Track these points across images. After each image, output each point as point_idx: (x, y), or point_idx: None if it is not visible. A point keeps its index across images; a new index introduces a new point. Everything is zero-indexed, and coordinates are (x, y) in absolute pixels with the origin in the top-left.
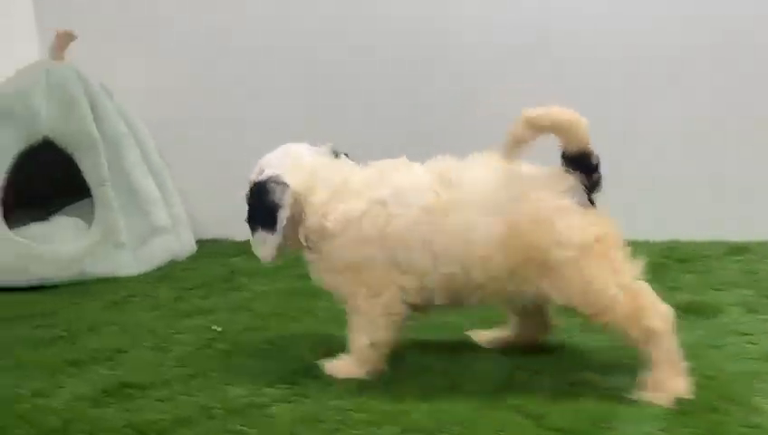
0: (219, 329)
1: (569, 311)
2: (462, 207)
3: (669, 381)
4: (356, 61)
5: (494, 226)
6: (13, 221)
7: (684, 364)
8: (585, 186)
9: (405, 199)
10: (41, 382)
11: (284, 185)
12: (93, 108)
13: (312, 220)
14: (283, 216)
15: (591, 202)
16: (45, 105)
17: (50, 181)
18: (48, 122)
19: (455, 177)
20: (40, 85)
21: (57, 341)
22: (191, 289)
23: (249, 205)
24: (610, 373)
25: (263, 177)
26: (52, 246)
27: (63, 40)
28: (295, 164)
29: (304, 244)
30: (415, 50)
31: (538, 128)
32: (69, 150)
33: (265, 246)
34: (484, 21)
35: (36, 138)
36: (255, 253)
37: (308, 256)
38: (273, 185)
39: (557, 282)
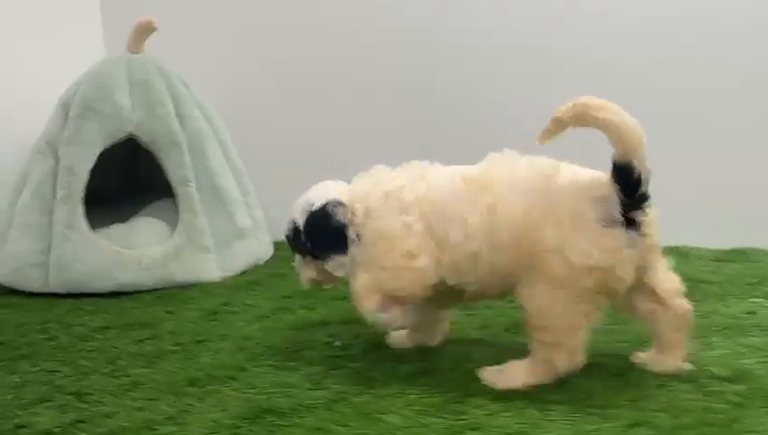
0: (339, 344)
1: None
2: (493, 188)
3: None
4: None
5: (515, 210)
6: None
7: None
8: (623, 201)
9: (445, 173)
10: (167, 406)
11: (342, 205)
12: (176, 103)
13: (359, 214)
14: (352, 234)
15: (630, 222)
16: (129, 100)
17: (121, 180)
18: (132, 119)
19: (491, 166)
20: (122, 79)
21: (168, 356)
22: (289, 297)
23: (312, 236)
24: None
25: (316, 206)
26: (138, 251)
27: (143, 31)
28: (340, 190)
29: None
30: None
31: (585, 120)
32: (152, 149)
33: (341, 268)
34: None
35: (120, 135)
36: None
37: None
38: (332, 208)
39: (531, 285)
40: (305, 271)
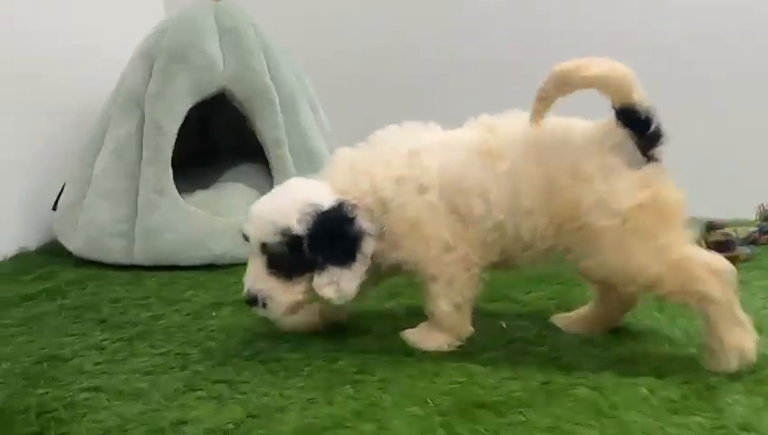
0: (505, 325)
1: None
2: (508, 153)
3: (735, 339)
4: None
5: (535, 177)
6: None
7: (748, 321)
8: (637, 142)
9: (453, 144)
10: (347, 397)
11: (355, 205)
12: (266, 56)
13: (376, 210)
14: (370, 239)
15: (650, 158)
16: (220, 51)
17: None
18: (225, 72)
19: (499, 124)
20: (211, 27)
21: (313, 337)
22: None
23: (323, 246)
24: None
25: (327, 207)
26: (230, 219)
27: None
28: (320, 189)
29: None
30: None
31: (573, 84)
32: (245, 107)
33: (339, 284)
34: None
35: (210, 90)
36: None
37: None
38: (349, 209)
39: (594, 253)
40: (285, 295)
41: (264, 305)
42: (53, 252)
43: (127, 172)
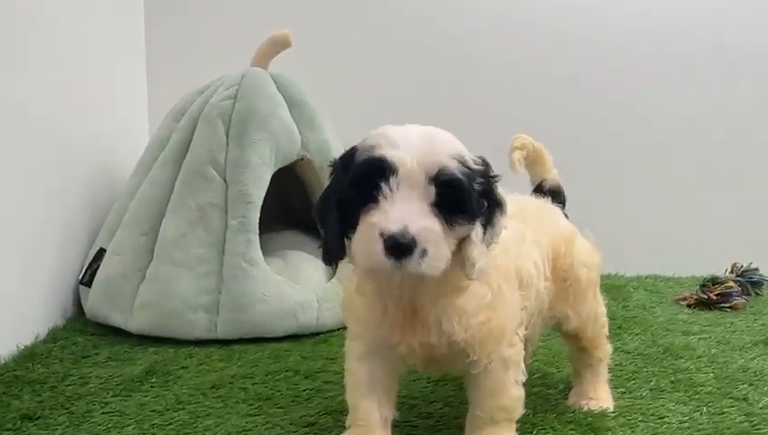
0: None
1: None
2: (524, 235)
3: (602, 393)
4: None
5: (545, 249)
6: None
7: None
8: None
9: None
10: None
11: None
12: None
13: None
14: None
15: None
16: (293, 121)
17: None
18: (303, 140)
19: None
20: (280, 97)
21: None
22: None
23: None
24: None
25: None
26: (309, 287)
27: (277, 45)
28: None
29: None
30: None
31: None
32: (318, 175)
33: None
34: None
35: (291, 158)
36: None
37: None
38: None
39: (576, 304)
40: (447, 247)
41: (424, 254)
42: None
43: (210, 241)
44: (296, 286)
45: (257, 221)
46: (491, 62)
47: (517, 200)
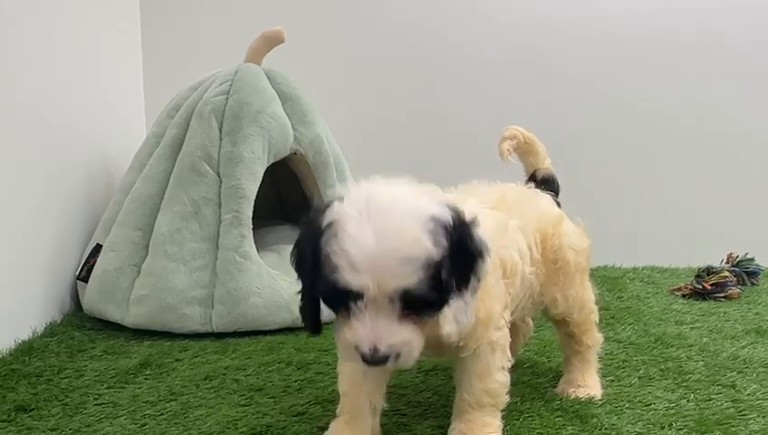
0: None
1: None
2: (506, 224)
3: (591, 381)
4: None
5: (532, 234)
6: None
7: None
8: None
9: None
10: None
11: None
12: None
13: None
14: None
15: None
16: (286, 116)
17: None
18: (296, 135)
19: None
20: (273, 93)
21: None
22: None
23: (466, 260)
24: None
25: (462, 215)
26: None
27: (270, 41)
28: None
29: None
30: None
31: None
32: (312, 169)
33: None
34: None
35: (285, 152)
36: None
37: None
38: (475, 222)
39: (565, 288)
40: (419, 339)
41: (398, 358)
42: (85, 324)
43: (204, 235)
44: (290, 280)
45: (251, 215)
46: (484, 59)
47: (498, 189)
